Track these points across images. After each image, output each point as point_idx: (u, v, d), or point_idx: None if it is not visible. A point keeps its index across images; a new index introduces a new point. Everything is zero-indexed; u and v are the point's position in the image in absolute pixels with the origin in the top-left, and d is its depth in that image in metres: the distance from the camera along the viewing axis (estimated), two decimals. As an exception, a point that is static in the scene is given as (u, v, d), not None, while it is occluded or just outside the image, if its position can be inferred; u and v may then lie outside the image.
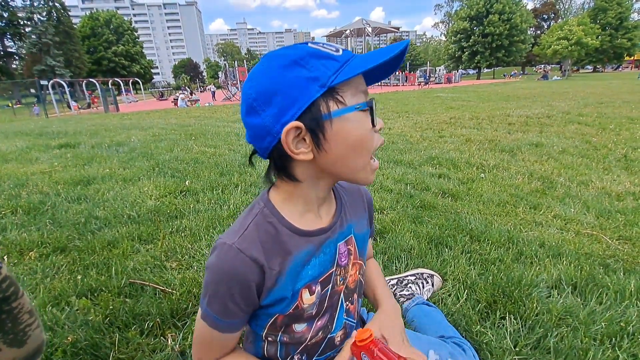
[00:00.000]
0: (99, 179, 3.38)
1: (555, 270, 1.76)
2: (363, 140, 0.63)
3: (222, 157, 4.22)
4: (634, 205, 2.67)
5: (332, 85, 0.59)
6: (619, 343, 1.29)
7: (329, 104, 0.60)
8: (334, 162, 0.64)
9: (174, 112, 13.37)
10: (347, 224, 0.79)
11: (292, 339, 0.77)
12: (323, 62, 0.59)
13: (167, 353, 1.27)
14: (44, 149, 5.10)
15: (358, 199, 0.86)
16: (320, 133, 0.61)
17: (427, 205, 2.65)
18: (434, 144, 4.93)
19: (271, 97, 0.60)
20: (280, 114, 0.60)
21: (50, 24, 38.75)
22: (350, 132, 0.62)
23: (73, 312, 1.47)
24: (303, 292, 0.72)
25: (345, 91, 0.61)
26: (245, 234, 0.67)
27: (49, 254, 1.98)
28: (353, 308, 0.86)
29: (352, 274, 0.81)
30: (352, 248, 0.80)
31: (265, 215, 0.69)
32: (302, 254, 0.70)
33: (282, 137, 0.60)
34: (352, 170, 0.66)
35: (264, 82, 0.60)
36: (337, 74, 0.59)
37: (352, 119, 0.61)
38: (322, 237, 0.73)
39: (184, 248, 2.03)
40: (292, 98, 0.59)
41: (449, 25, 60.01)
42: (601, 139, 4.95)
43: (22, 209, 2.59)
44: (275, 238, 0.68)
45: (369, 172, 0.68)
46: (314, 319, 0.76)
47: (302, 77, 0.58)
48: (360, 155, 0.64)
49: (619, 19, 48.20)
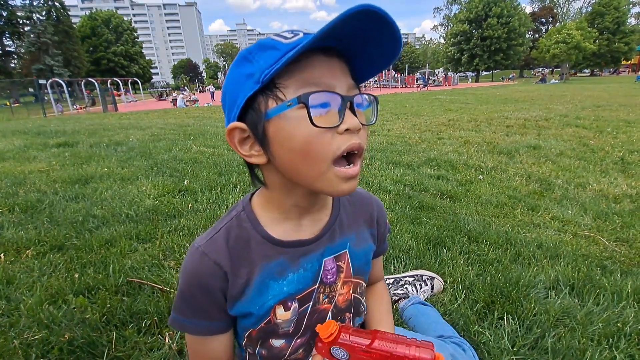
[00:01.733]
0: (97, 178, 3.37)
1: (553, 271, 1.76)
2: (308, 144, 0.51)
3: (221, 157, 4.21)
4: (631, 208, 2.68)
5: (266, 79, 0.50)
6: (616, 344, 1.29)
7: (268, 102, 0.52)
8: (285, 168, 0.56)
9: (173, 112, 13.36)
10: (341, 239, 0.70)
11: (270, 354, 0.72)
12: (265, 53, 0.52)
13: (165, 352, 1.27)
14: (41, 147, 5.08)
15: (364, 211, 0.77)
16: (261, 135, 0.54)
17: (426, 206, 2.65)
18: (432, 146, 4.94)
19: (224, 97, 0.58)
20: (228, 114, 0.57)
21: (50, 23, 38.68)
22: (290, 134, 0.52)
23: (70, 310, 1.46)
24: (277, 308, 0.66)
25: (287, 86, 0.51)
26: (214, 238, 0.64)
27: (46, 252, 1.97)
28: None
29: (342, 292, 0.72)
30: (344, 265, 0.71)
31: (240, 219, 0.65)
32: (272, 265, 0.64)
33: (226, 137, 0.57)
34: (307, 180, 0.55)
35: (225, 81, 0.59)
36: (276, 64, 0.49)
37: (289, 117, 0.51)
38: (301, 250, 0.66)
39: (182, 247, 2.02)
40: (234, 96, 0.55)
41: (448, 28, 60.26)
42: (598, 142, 4.97)
43: (19, 207, 2.58)
44: (245, 245, 0.63)
45: (334, 181, 0.54)
46: (292, 337, 0.70)
47: (242, 73, 0.54)
48: (310, 162, 0.53)
49: (616, 24, 48.50)
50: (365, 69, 0.58)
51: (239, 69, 0.55)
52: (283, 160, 0.55)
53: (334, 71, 0.53)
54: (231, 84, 0.56)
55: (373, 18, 0.47)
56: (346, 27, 0.47)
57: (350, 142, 0.52)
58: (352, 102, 0.53)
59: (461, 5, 51.53)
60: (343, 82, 0.54)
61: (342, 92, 0.52)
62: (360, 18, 0.46)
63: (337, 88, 0.52)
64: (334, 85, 0.52)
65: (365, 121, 0.57)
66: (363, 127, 0.55)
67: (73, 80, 24.81)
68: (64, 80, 19.10)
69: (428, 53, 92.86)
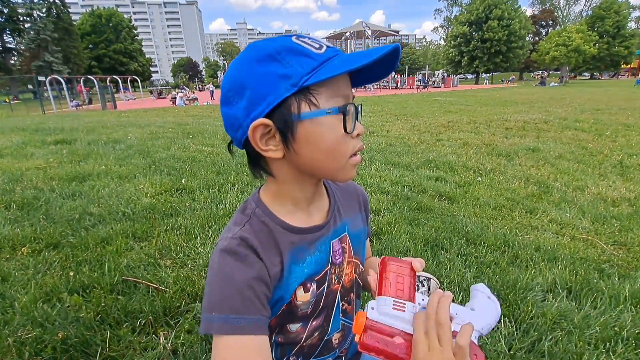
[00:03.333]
0: (95, 176, 3.35)
1: (551, 274, 1.76)
2: (335, 146, 0.60)
3: (220, 156, 4.20)
4: (629, 211, 2.68)
5: (304, 85, 0.55)
6: (614, 347, 1.29)
7: (301, 105, 0.57)
8: (305, 163, 0.62)
9: (172, 110, 13.33)
10: (341, 223, 0.77)
11: (286, 339, 0.74)
12: (299, 59, 0.56)
13: (159, 351, 1.26)
14: (39, 144, 5.06)
15: (353, 198, 0.85)
16: (289, 133, 0.58)
17: (424, 207, 2.65)
18: (431, 147, 4.93)
19: (243, 90, 0.59)
20: (250, 108, 0.58)
21: (50, 20, 38.56)
22: (321, 137, 0.59)
23: (64, 308, 1.45)
24: (297, 290, 0.69)
25: (321, 93, 0.57)
26: (242, 233, 0.65)
27: (42, 249, 1.96)
28: (350, 309, 0.83)
29: (347, 272, 0.79)
30: (347, 246, 0.78)
31: (257, 215, 0.67)
32: (296, 251, 0.68)
33: (249, 132, 0.58)
34: (326, 172, 0.65)
35: (238, 73, 0.59)
36: (312, 73, 0.55)
37: (324, 122, 0.58)
38: (316, 235, 0.71)
39: (179, 246, 2.01)
40: (262, 93, 0.57)
41: (448, 30, 60.31)
42: (597, 145, 4.98)
43: (15, 204, 2.57)
44: (270, 236, 0.66)
45: (347, 171, 0.65)
46: (308, 319, 0.74)
47: (274, 73, 0.56)
48: (334, 160, 0.62)
49: (617, 27, 48.59)
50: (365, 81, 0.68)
51: (265, 67, 0.57)
52: (307, 157, 0.61)
53: (347, 83, 0.62)
54: (255, 80, 0.58)
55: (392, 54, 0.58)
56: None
57: (360, 144, 0.65)
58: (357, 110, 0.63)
59: (462, 8, 51.56)
60: (351, 92, 0.63)
61: (354, 103, 0.62)
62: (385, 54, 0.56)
63: (350, 98, 0.62)
64: (349, 96, 0.62)
65: None
66: None
67: (72, 78, 24.69)
68: (63, 78, 19.00)
69: (428, 55, 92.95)
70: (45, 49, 38.16)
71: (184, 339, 1.32)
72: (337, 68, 0.55)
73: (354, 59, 0.56)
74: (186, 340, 1.31)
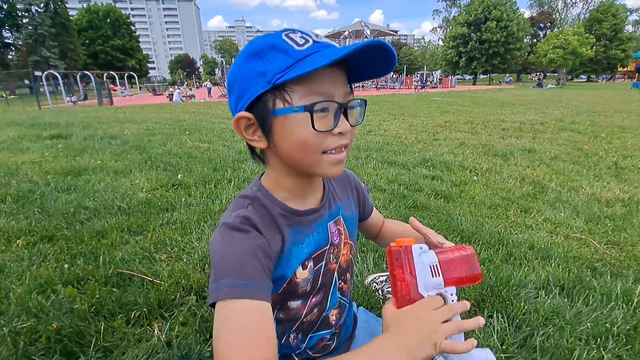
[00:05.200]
0: (90, 170, 3.34)
1: (544, 272, 1.77)
2: (306, 142, 0.61)
3: (216, 153, 4.20)
4: (623, 212, 2.71)
5: (277, 83, 0.58)
6: (604, 343, 1.30)
7: (275, 101, 0.60)
8: (284, 155, 0.66)
9: (169, 107, 13.28)
10: (335, 206, 0.82)
11: (287, 316, 0.77)
12: (277, 56, 0.58)
13: (153, 343, 1.26)
14: (35, 139, 5.04)
15: (345, 184, 0.90)
16: (266, 127, 0.63)
17: (420, 205, 2.66)
18: (428, 147, 4.95)
19: (233, 85, 0.65)
20: (237, 101, 0.65)
21: (47, 15, 38.27)
22: (293, 132, 0.61)
23: (59, 300, 1.45)
24: (297, 268, 0.74)
25: (295, 91, 0.59)
26: (245, 213, 0.67)
27: (37, 242, 1.95)
28: (346, 287, 0.88)
29: (344, 253, 0.83)
30: (342, 228, 0.83)
31: (259, 197, 0.71)
32: (294, 232, 0.72)
33: (233, 122, 0.65)
34: (304, 166, 0.66)
35: (233, 68, 0.66)
36: (286, 71, 0.57)
37: (295, 119, 0.60)
38: (313, 217, 0.76)
39: (174, 240, 2.01)
40: (244, 89, 0.62)
41: (447, 30, 60.42)
42: (593, 147, 5.01)
43: (11, 197, 2.56)
44: (270, 217, 0.70)
45: (326, 166, 0.65)
46: (308, 296, 0.77)
47: (254, 70, 0.60)
48: (306, 154, 0.63)
49: (614, 31, 48.82)
50: (361, 78, 0.69)
51: (250, 63, 0.61)
52: (283, 150, 0.64)
53: (334, 80, 0.62)
54: (241, 75, 0.63)
55: (379, 48, 0.58)
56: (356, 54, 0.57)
57: (339, 143, 0.64)
58: (346, 108, 0.63)
59: (460, 9, 51.66)
60: (341, 90, 0.63)
61: (339, 100, 0.62)
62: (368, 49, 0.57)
63: (335, 97, 0.61)
64: (333, 94, 0.61)
65: (354, 121, 0.67)
66: (352, 127, 0.65)
67: (69, 73, 24.51)
68: (60, 73, 18.86)
69: (426, 55, 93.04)
70: (42, 44, 37.88)
71: (178, 331, 1.32)
72: (309, 65, 0.56)
73: (330, 53, 0.56)
74: (180, 332, 1.31)
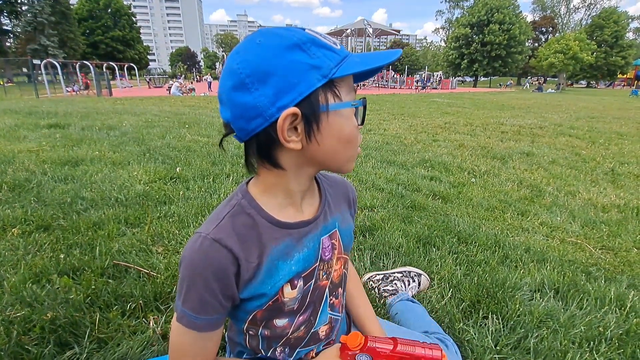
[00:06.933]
0: (88, 161, 3.32)
1: (539, 275, 1.78)
2: (352, 136, 0.64)
3: (215, 147, 4.18)
4: (618, 218, 2.72)
5: (332, 77, 0.58)
6: (597, 347, 1.31)
7: (327, 96, 0.59)
8: (323, 153, 0.63)
9: (168, 100, 13.22)
10: (332, 218, 0.77)
11: (273, 333, 0.75)
12: (325, 52, 0.58)
13: (148, 335, 1.26)
14: (32, 128, 5.00)
15: (343, 194, 0.85)
16: (314, 124, 0.59)
17: (418, 205, 2.66)
18: (427, 147, 4.96)
19: (267, 77, 0.55)
20: (276, 96, 0.55)
21: (47, 3, 37.91)
22: (342, 127, 0.62)
23: (53, 289, 1.44)
24: (284, 286, 0.70)
25: (342, 86, 0.61)
26: (221, 225, 0.64)
27: (32, 231, 1.94)
28: (338, 302, 0.84)
29: (336, 268, 0.79)
30: (337, 242, 0.78)
31: (243, 206, 0.66)
32: (281, 247, 0.67)
33: (279, 121, 0.56)
34: (339, 162, 0.67)
35: (260, 59, 0.55)
36: (338, 67, 0.58)
37: (345, 114, 0.62)
38: (304, 230, 0.71)
39: (171, 233, 2.01)
40: (291, 82, 0.55)
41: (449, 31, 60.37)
42: (590, 152, 5.03)
43: (7, 186, 2.54)
44: (252, 230, 0.65)
45: (352, 161, 0.69)
46: (295, 314, 0.74)
47: (303, 62, 0.55)
48: (349, 149, 0.65)
49: (615, 37, 49.00)
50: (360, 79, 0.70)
51: (293, 55, 0.56)
52: (327, 147, 0.62)
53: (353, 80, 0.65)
54: (284, 68, 0.55)
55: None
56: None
57: (361, 135, 0.70)
58: None
59: (463, 10, 51.62)
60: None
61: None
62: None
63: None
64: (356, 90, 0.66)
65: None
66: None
67: (68, 62, 24.30)
68: (59, 62, 18.70)
69: (428, 56, 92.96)
70: (42, 32, 37.55)
71: (173, 324, 1.31)
72: (358, 65, 0.59)
73: (369, 59, 0.61)
74: (176, 326, 1.31)
